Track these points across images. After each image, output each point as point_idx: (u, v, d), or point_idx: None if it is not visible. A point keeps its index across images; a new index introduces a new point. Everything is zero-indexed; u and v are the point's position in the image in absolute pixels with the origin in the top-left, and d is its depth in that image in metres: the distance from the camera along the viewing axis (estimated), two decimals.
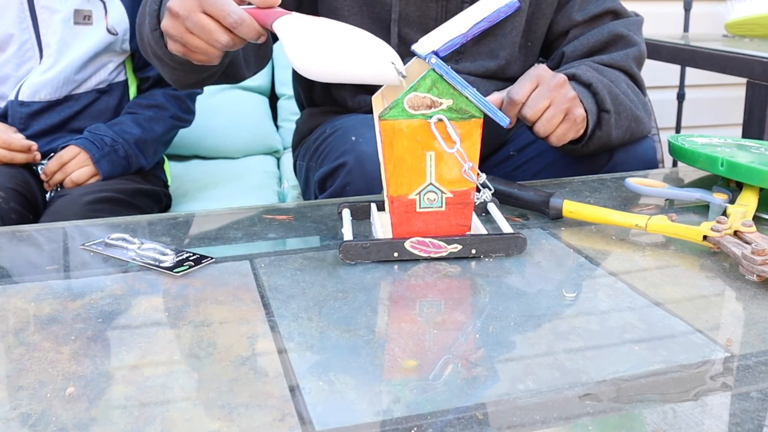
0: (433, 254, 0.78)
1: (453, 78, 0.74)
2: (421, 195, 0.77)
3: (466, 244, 0.78)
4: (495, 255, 0.79)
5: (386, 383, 0.55)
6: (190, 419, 0.51)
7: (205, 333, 0.63)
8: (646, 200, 0.98)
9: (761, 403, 0.53)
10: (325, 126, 1.21)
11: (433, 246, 0.77)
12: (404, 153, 0.76)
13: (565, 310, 0.67)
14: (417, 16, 1.16)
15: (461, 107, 0.75)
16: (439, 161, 0.76)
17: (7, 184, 1.25)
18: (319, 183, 1.11)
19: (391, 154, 0.76)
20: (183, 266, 0.76)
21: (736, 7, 2.20)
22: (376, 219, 0.85)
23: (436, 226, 0.79)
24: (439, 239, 0.77)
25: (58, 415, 0.51)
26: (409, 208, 0.78)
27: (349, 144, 1.07)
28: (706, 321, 0.65)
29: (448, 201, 0.78)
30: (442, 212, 0.78)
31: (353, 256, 0.77)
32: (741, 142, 1.11)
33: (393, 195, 0.77)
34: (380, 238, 0.78)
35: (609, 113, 1.05)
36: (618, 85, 1.10)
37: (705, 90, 2.54)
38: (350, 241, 0.77)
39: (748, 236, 0.77)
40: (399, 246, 0.77)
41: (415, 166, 0.76)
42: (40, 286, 0.73)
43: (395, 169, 0.76)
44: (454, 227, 0.79)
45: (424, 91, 0.74)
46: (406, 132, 0.75)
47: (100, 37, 1.38)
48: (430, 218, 0.79)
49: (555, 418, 0.51)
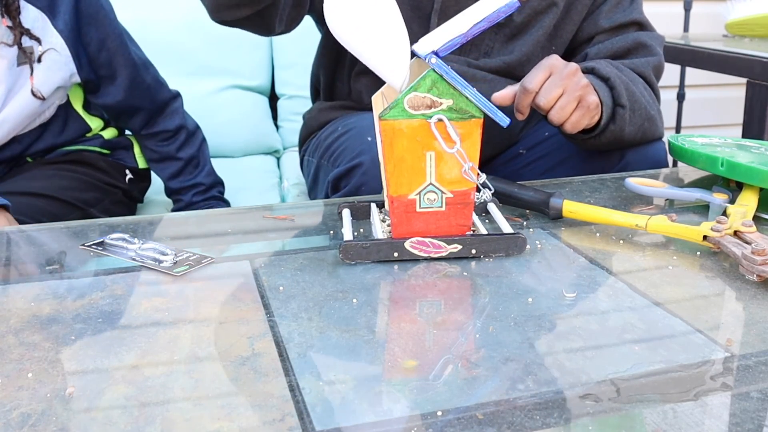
0: (433, 254, 0.78)
1: (453, 78, 0.74)
2: (421, 195, 0.78)
3: (466, 244, 0.78)
4: (495, 255, 0.79)
5: (386, 383, 0.55)
6: (190, 419, 0.51)
7: (205, 333, 0.63)
8: (646, 200, 0.98)
9: (761, 403, 0.53)
10: (337, 123, 1.20)
11: (433, 246, 0.77)
12: (404, 153, 0.76)
13: (565, 310, 0.67)
14: (455, 11, 1.16)
15: (461, 107, 0.75)
16: (439, 161, 0.76)
17: None
18: (333, 183, 1.10)
19: (391, 154, 0.76)
20: (183, 266, 0.76)
21: (736, 7, 2.20)
22: (376, 219, 0.85)
23: (437, 226, 0.79)
24: (439, 239, 0.77)
25: (58, 415, 0.51)
26: (409, 208, 0.78)
27: (365, 144, 1.06)
28: (706, 321, 0.65)
29: (448, 201, 0.78)
30: (442, 212, 0.78)
31: (353, 256, 0.77)
32: (741, 142, 1.11)
33: (393, 195, 0.77)
34: (380, 238, 0.78)
35: (624, 108, 1.05)
36: (636, 85, 1.10)
37: (705, 90, 2.54)
38: (350, 241, 0.77)
39: (748, 236, 0.77)
40: (399, 246, 0.77)
41: (415, 166, 0.77)
42: (40, 286, 0.73)
43: (395, 169, 0.76)
44: (455, 227, 0.79)
45: (424, 91, 0.74)
46: (406, 132, 0.75)
47: (26, 102, 1.24)
48: (430, 218, 0.79)
49: (555, 418, 0.51)
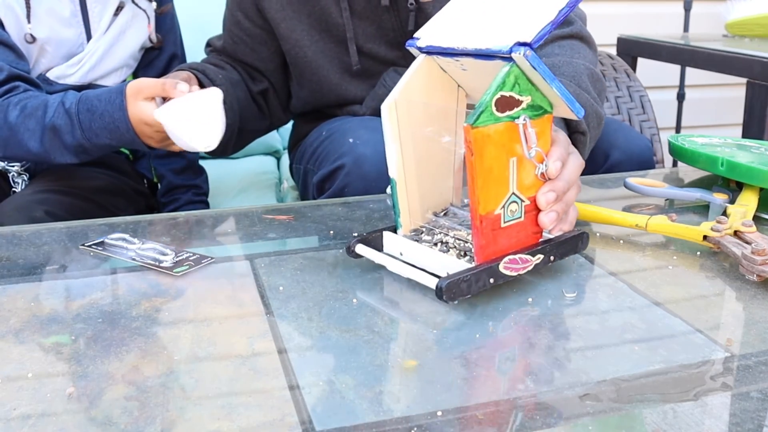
0: (521, 271, 0.70)
1: (544, 71, 0.66)
2: (505, 208, 0.69)
3: (546, 252, 0.71)
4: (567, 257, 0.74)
5: (386, 383, 0.55)
6: (190, 419, 0.51)
7: (205, 333, 0.63)
8: (646, 200, 0.98)
9: (761, 403, 0.53)
10: (322, 128, 1.23)
11: (522, 261, 0.70)
12: (492, 162, 0.67)
13: (565, 310, 0.67)
14: (374, 29, 1.19)
15: (536, 103, 0.68)
16: (520, 167, 0.69)
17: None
18: (318, 185, 1.11)
19: (481, 166, 0.66)
20: (183, 266, 0.76)
21: (736, 7, 2.20)
22: (391, 243, 0.76)
23: (517, 239, 0.71)
24: (526, 253, 0.70)
25: (58, 415, 0.51)
26: (495, 225, 0.69)
27: (346, 146, 1.07)
28: (706, 321, 0.65)
29: (527, 209, 0.71)
30: (521, 223, 0.71)
31: (456, 295, 0.65)
32: (741, 142, 1.11)
33: (482, 213, 0.67)
34: (475, 267, 0.67)
35: (585, 135, 1.00)
36: (587, 89, 1.04)
37: (705, 90, 2.54)
38: (450, 278, 0.65)
39: (748, 236, 0.77)
40: (494, 271, 0.68)
41: (501, 176, 0.68)
42: (40, 286, 0.73)
43: (485, 183, 0.67)
44: (531, 236, 0.72)
45: (509, 90, 0.66)
46: (494, 138, 0.66)
47: (140, 39, 1.36)
48: (512, 232, 0.70)
49: (555, 418, 0.51)
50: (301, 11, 1.19)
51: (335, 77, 1.23)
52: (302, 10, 1.19)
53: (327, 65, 1.22)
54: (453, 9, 0.76)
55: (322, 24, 1.19)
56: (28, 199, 1.16)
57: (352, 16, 1.17)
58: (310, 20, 1.19)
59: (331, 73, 1.23)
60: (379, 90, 1.21)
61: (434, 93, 0.75)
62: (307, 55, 1.22)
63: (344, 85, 1.24)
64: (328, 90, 1.24)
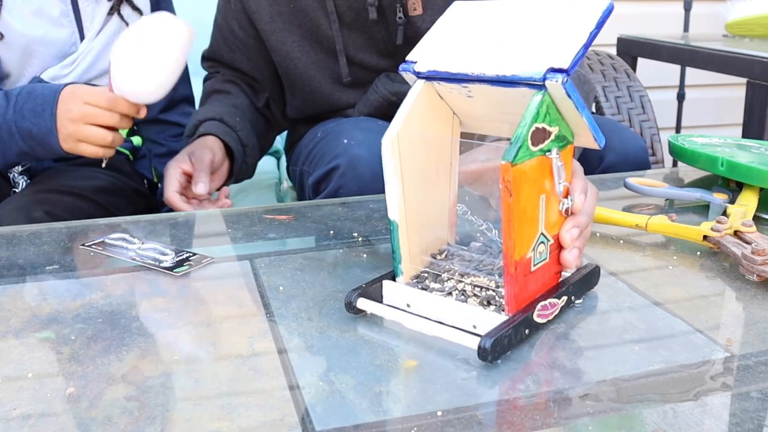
0: (550, 317, 0.64)
1: (578, 100, 0.60)
2: (534, 250, 0.62)
3: (569, 293, 0.66)
4: None
5: (386, 383, 0.55)
6: (190, 419, 0.51)
7: (205, 333, 0.63)
8: (646, 200, 0.98)
9: (761, 403, 0.53)
10: (316, 130, 1.24)
11: (551, 306, 0.64)
12: (526, 203, 0.60)
13: (565, 310, 0.67)
14: (364, 40, 1.20)
15: (562, 134, 0.63)
16: (548, 204, 0.63)
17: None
18: (313, 186, 1.12)
19: (518, 207, 0.59)
20: (183, 266, 0.76)
21: (736, 7, 2.20)
22: (393, 293, 0.67)
23: (543, 282, 0.65)
24: (552, 296, 0.64)
25: (58, 415, 0.51)
26: (527, 269, 0.62)
27: (341, 147, 1.08)
28: (706, 321, 0.65)
29: (551, 248, 0.65)
30: (547, 264, 0.64)
31: (500, 353, 0.58)
32: (741, 142, 1.11)
33: (517, 259, 0.61)
34: (511, 319, 0.61)
35: None
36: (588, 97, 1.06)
37: (705, 90, 2.54)
38: (492, 335, 0.58)
39: (748, 236, 0.77)
40: (529, 321, 0.62)
41: (533, 216, 0.61)
42: (40, 286, 0.73)
43: (520, 227, 0.60)
44: (553, 277, 0.66)
45: (542, 121, 0.60)
46: (529, 175, 0.59)
47: None
48: (539, 275, 0.64)
49: (555, 418, 0.51)
50: (291, 23, 1.20)
51: (327, 87, 1.24)
52: (292, 22, 1.20)
53: (318, 76, 1.23)
54: (447, 27, 0.69)
55: (313, 35, 1.20)
56: (28, 199, 1.15)
57: (342, 28, 1.18)
58: (300, 32, 1.20)
59: (322, 84, 1.24)
60: (371, 96, 1.22)
61: (432, 123, 0.68)
62: (298, 67, 1.23)
63: (336, 95, 1.25)
64: (321, 99, 1.26)
